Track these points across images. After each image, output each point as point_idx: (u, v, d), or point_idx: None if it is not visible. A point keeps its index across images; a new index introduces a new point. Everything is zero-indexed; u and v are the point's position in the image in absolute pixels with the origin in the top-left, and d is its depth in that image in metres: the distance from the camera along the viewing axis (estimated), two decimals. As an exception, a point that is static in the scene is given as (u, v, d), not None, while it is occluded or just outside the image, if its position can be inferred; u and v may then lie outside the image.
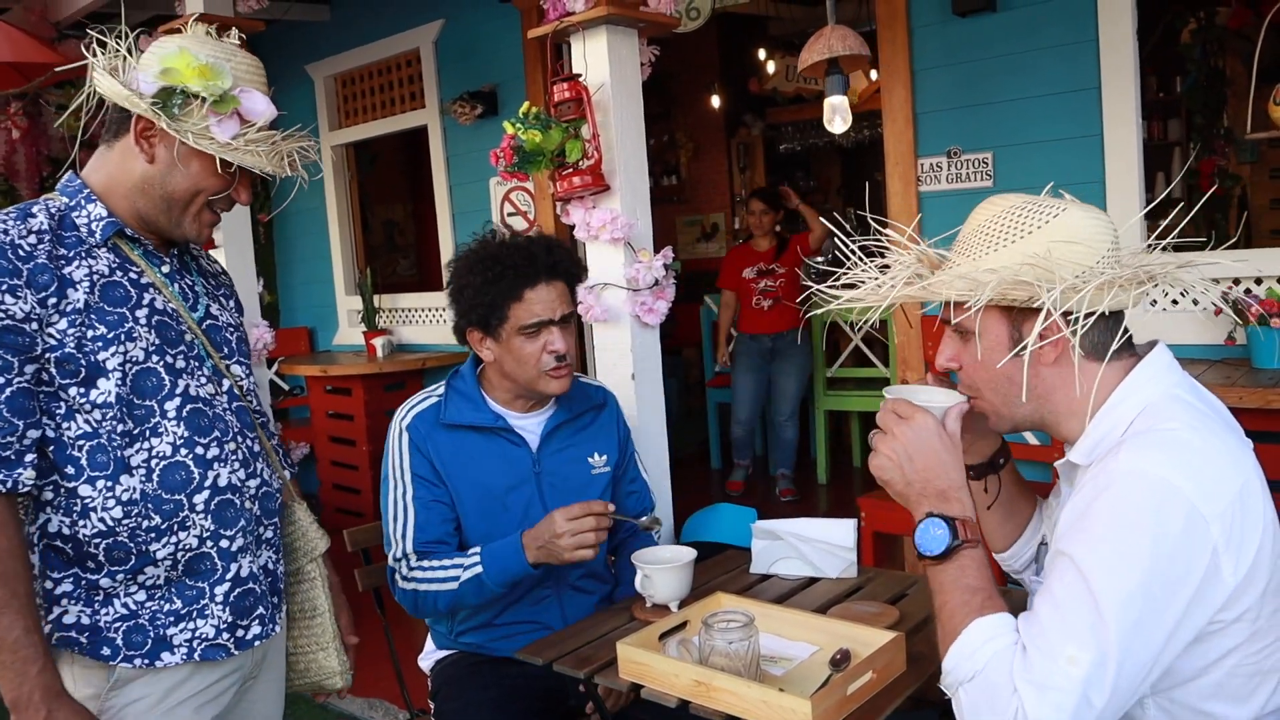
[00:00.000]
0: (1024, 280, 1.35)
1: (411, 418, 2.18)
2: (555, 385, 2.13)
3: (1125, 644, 1.22)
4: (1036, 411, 1.45)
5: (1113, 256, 1.39)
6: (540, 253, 2.10)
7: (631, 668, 1.70)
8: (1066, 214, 1.39)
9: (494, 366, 2.17)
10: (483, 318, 2.09)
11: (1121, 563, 1.23)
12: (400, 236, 8.64)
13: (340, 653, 1.92)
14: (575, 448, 2.23)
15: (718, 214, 9.44)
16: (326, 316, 6.58)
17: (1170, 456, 1.27)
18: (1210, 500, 1.24)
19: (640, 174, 2.69)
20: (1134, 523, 1.25)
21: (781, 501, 5.62)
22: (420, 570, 2.08)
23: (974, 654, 1.31)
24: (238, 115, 1.61)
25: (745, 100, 8.99)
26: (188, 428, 1.62)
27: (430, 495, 2.13)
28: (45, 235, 1.53)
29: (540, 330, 2.09)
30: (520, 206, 5.28)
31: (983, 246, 1.43)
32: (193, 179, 1.62)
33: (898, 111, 3.96)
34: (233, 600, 1.66)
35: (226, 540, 1.65)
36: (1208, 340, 3.34)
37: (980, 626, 1.33)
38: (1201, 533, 1.23)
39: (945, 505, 1.43)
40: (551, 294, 2.10)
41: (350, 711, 3.61)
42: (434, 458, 2.14)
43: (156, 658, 1.59)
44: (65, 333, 1.51)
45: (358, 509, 5.75)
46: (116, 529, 1.55)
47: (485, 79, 5.29)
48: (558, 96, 2.58)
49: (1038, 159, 3.67)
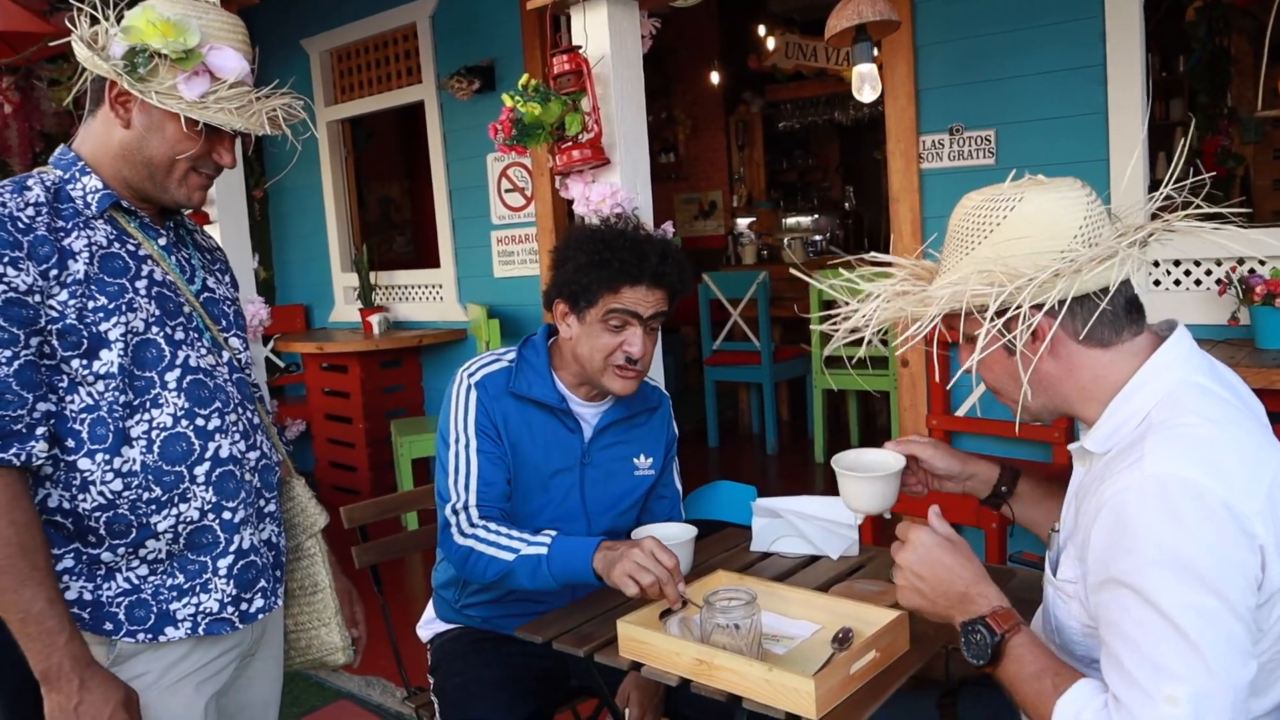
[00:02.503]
0: (978, 291, 1.33)
1: (482, 376, 2.13)
2: (619, 385, 2.07)
3: (1222, 660, 1.18)
4: (1051, 402, 1.44)
5: (1084, 235, 1.35)
6: (653, 256, 2.02)
7: (632, 646, 1.68)
8: (1021, 205, 1.36)
9: (568, 344, 2.11)
10: (574, 295, 2.04)
11: (1186, 580, 1.19)
12: (396, 213, 8.59)
13: (342, 628, 1.91)
14: (624, 445, 2.20)
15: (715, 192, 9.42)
16: (322, 293, 6.55)
17: (1195, 457, 1.23)
18: (1245, 497, 1.21)
19: (641, 148, 2.66)
20: (1182, 534, 1.20)
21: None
22: (483, 529, 2.01)
23: None
24: (208, 73, 1.57)
25: (744, 77, 8.94)
26: (188, 399, 1.61)
27: (496, 451, 2.08)
28: (43, 207, 1.51)
29: (624, 325, 2.03)
30: (518, 183, 5.24)
31: (956, 254, 1.43)
32: (169, 142, 1.59)
33: (899, 88, 3.92)
34: (236, 573, 1.65)
35: (229, 512, 1.64)
36: (1211, 320, 3.31)
37: (1063, 708, 1.29)
38: (1247, 529, 1.20)
39: (971, 608, 1.42)
40: (649, 296, 2.03)
41: (348, 689, 3.60)
42: (499, 422, 2.10)
43: (160, 632, 1.58)
44: (66, 304, 1.50)
45: (354, 486, 5.74)
46: (117, 502, 1.54)
47: (483, 54, 5.24)
48: (557, 69, 2.54)
49: (1040, 137, 3.64)
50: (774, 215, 9.37)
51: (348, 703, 3.54)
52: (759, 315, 6.02)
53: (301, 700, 3.53)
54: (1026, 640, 1.37)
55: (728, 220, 9.34)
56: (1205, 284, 3.36)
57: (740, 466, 6.18)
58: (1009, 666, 1.36)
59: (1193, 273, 3.40)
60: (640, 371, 2.08)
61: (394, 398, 5.86)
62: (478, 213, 5.50)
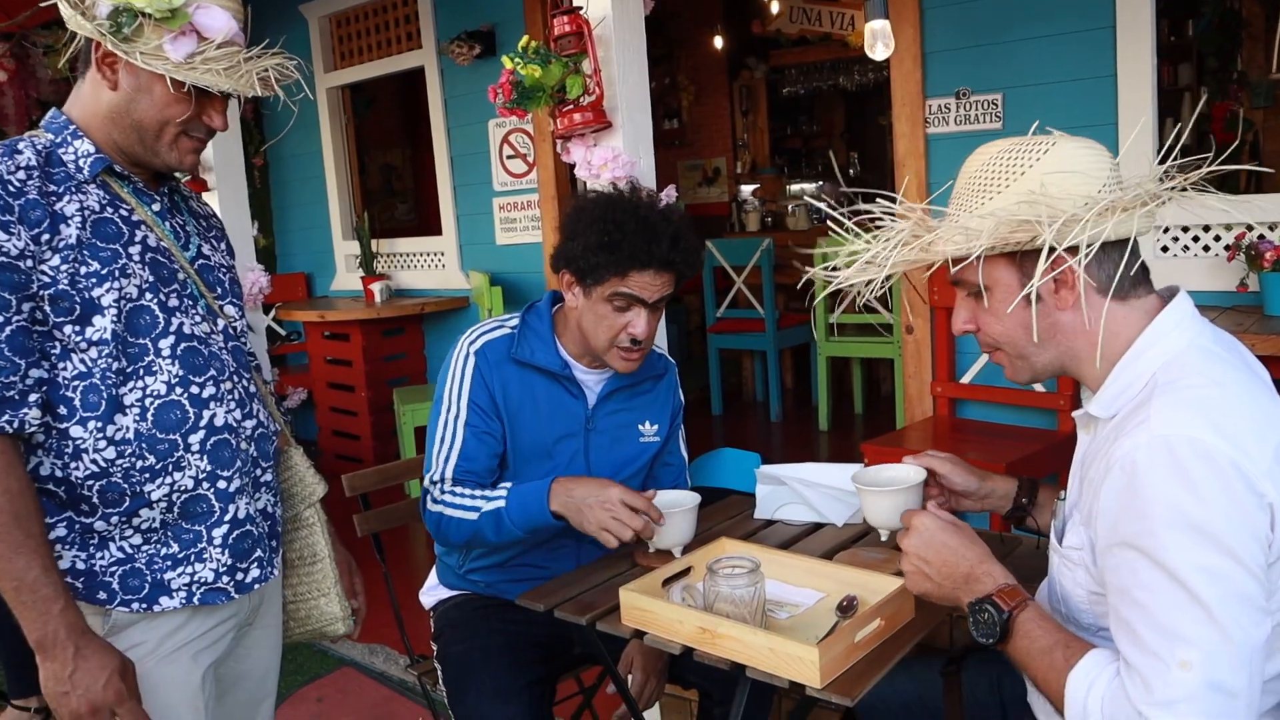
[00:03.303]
0: (1023, 219, 1.30)
1: (482, 343, 2.12)
2: (621, 365, 2.06)
3: (1235, 621, 1.16)
4: (1058, 359, 1.41)
5: (1114, 181, 1.34)
6: (665, 240, 1.97)
7: (635, 614, 1.67)
8: (1057, 148, 1.34)
9: (573, 313, 2.09)
10: (581, 270, 2.01)
11: (1197, 541, 1.17)
12: (398, 181, 8.55)
13: (341, 598, 1.89)
14: (629, 413, 2.19)
15: (719, 158, 9.35)
16: (324, 262, 6.52)
17: (1201, 416, 1.21)
18: (1252, 457, 1.19)
19: (643, 111, 2.62)
20: (1192, 495, 1.18)
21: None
22: (450, 495, 2.04)
23: (1085, 711, 1.26)
24: (195, 33, 1.52)
25: (748, 42, 8.85)
26: (182, 366, 1.59)
27: (484, 426, 2.08)
28: (34, 171, 1.49)
29: (629, 307, 2.01)
30: (520, 149, 5.20)
31: (977, 197, 1.39)
32: (157, 105, 1.55)
33: (905, 51, 3.87)
34: (231, 543, 1.64)
35: (224, 481, 1.63)
36: (1219, 287, 3.29)
37: (1076, 680, 1.28)
38: (1256, 488, 1.18)
39: (976, 587, 1.41)
40: (656, 280, 2.00)
41: (351, 656, 3.61)
42: (496, 391, 2.09)
43: (154, 602, 1.57)
44: (59, 269, 1.47)
45: (357, 455, 5.74)
46: (110, 470, 1.52)
47: (483, 18, 5.18)
48: (558, 30, 2.50)
49: (1049, 101, 3.59)
50: (778, 182, 9.31)
51: (351, 670, 3.55)
52: (763, 282, 5.99)
53: (304, 669, 3.54)
54: (1034, 615, 1.36)
55: (731, 187, 9.27)
56: (1213, 250, 3.33)
57: (744, 434, 6.17)
58: (1019, 643, 1.35)
59: (1201, 238, 3.36)
60: (643, 352, 2.06)
61: (396, 366, 5.85)
62: (479, 179, 5.46)
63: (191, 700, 1.65)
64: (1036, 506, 1.74)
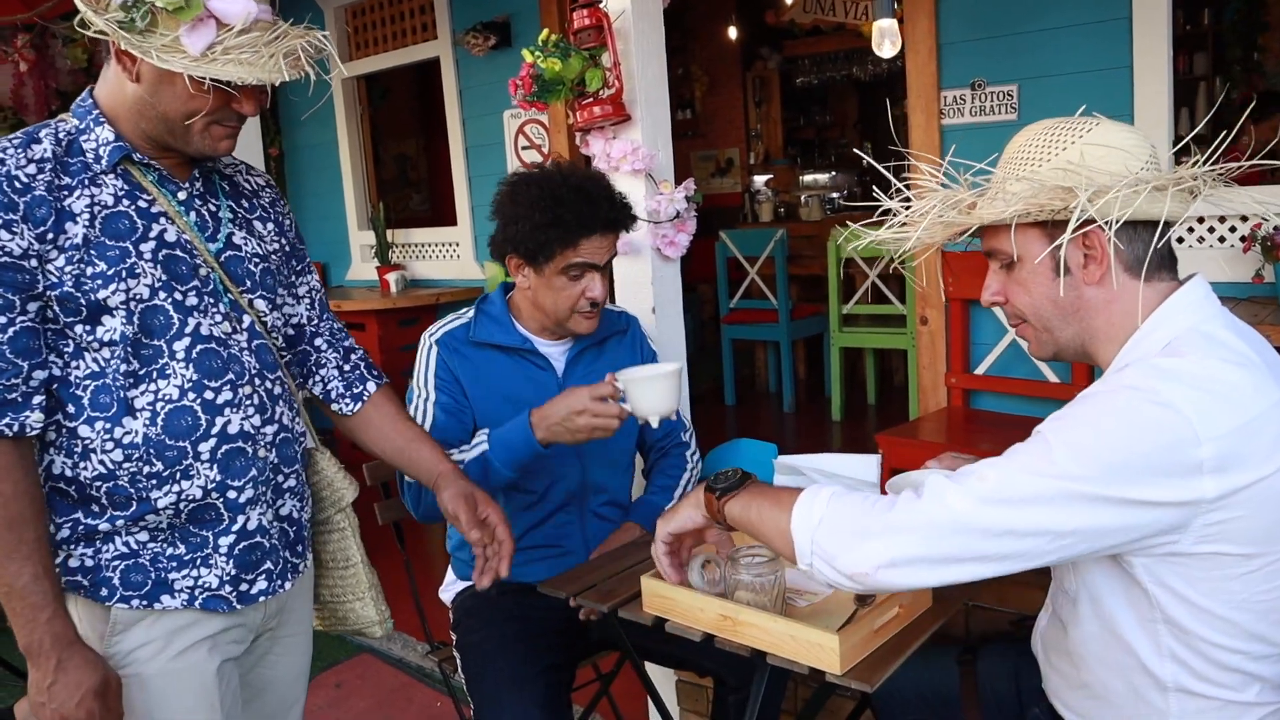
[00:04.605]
0: (1061, 186, 1.32)
1: (442, 334, 2.23)
2: (585, 325, 2.16)
3: (1041, 511, 1.23)
4: (1079, 335, 1.43)
5: (1153, 164, 1.36)
6: (603, 203, 2.08)
7: (656, 601, 1.69)
8: (1101, 127, 1.38)
9: (525, 295, 2.17)
10: (530, 251, 2.08)
11: (1087, 446, 1.23)
12: (413, 171, 8.57)
13: (377, 602, 1.86)
14: (598, 373, 2.21)
15: (733, 149, 9.35)
16: (339, 252, 6.55)
17: (1174, 378, 1.24)
18: (1209, 423, 1.20)
19: (661, 104, 2.64)
20: (1114, 416, 1.23)
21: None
22: None
23: (810, 512, 1.36)
24: (213, 19, 1.40)
25: (762, 33, 8.84)
26: (197, 370, 1.53)
27: (453, 404, 2.16)
28: (47, 164, 1.44)
29: (583, 274, 2.10)
30: (534, 139, 5.21)
31: (1021, 168, 1.41)
32: (180, 100, 1.46)
33: (920, 42, 3.87)
34: (237, 554, 1.59)
35: (234, 491, 1.57)
36: (1235, 278, 3.29)
37: (801, 500, 1.38)
38: (1184, 448, 1.20)
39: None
40: (603, 243, 2.10)
41: (369, 643, 3.65)
42: (460, 373, 2.18)
43: (156, 600, 1.54)
44: (63, 270, 1.43)
45: (372, 444, 5.76)
46: (116, 473, 1.49)
47: (498, 9, 5.19)
48: (577, 24, 2.52)
49: (1064, 91, 3.59)
50: (791, 172, 9.31)
51: (368, 656, 3.59)
52: (776, 273, 5.99)
53: (323, 655, 3.58)
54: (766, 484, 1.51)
55: (745, 178, 9.28)
56: (1229, 241, 3.33)
57: (758, 424, 6.19)
58: (752, 488, 1.50)
59: (1217, 229, 3.36)
60: (599, 309, 2.15)
61: (411, 355, 5.83)
62: (494, 170, 5.48)
63: (208, 697, 1.60)
64: None
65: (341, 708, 3.26)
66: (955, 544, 1.26)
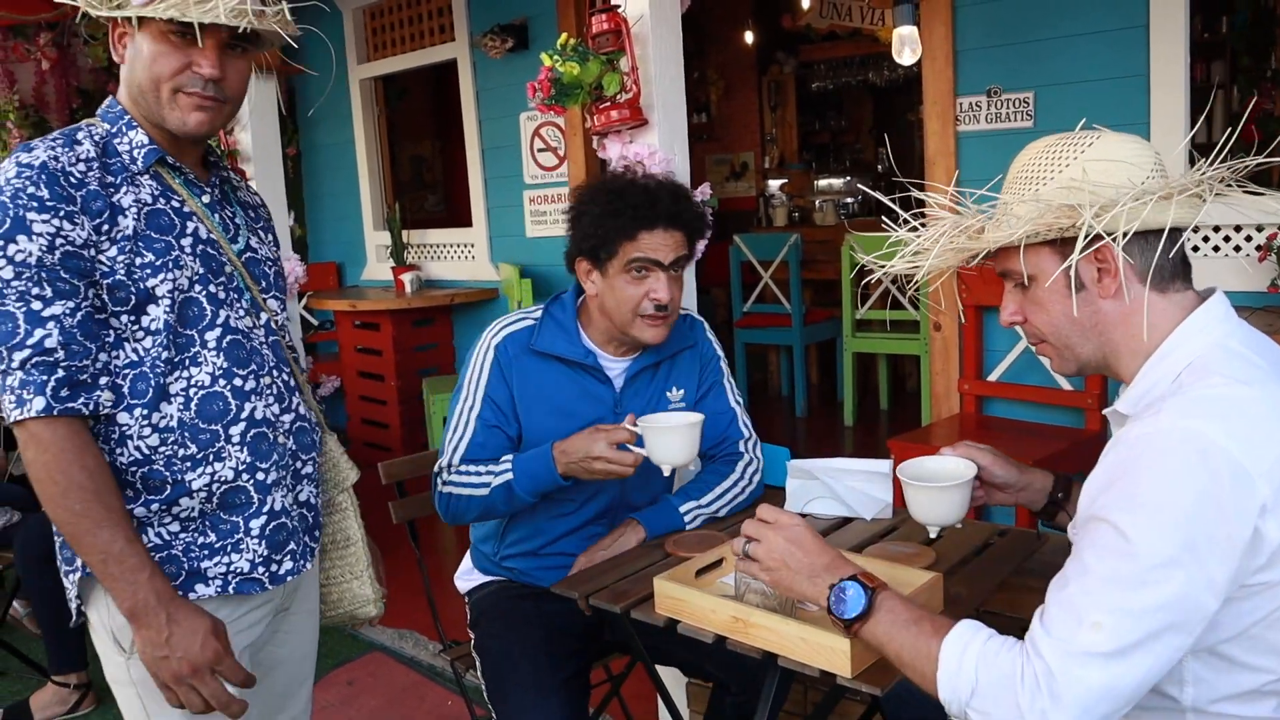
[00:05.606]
0: (1066, 204, 1.31)
1: (503, 337, 2.17)
2: (650, 333, 2.09)
3: (1166, 612, 1.18)
4: (1099, 350, 1.42)
5: (1158, 172, 1.35)
6: (665, 198, 2.05)
7: (669, 603, 1.70)
8: (1102, 140, 1.37)
9: (595, 301, 2.13)
10: (593, 249, 2.06)
11: (1164, 523, 1.18)
12: (428, 172, 8.60)
13: (373, 581, 1.94)
14: (656, 386, 2.23)
15: (747, 153, 9.35)
16: (355, 252, 6.58)
17: (1212, 412, 1.22)
18: (1256, 457, 1.19)
19: (679, 108, 2.66)
20: (1176, 481, 1.19)
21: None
22: (458, 475, 2.10)
23: (960, 669, 1.26)
24: None
25: (778, 37, 8.84)
26: (227, 359, 1.61)
27: (495, 419, 2.13)
28: (93, 163, 1.52)
29: (647, 273, 2.05)
30: (551, 142, 5.23)
31: (1025, 188, 1.40)
32: (145, 63, 1.55)
33: (937, 49, 3.88)
34: (268, 534, 1.66)
35: (261, 473, 1.65)
36: (1250, 288, 3.28)
37: (949, 644, 1.28)
38: (1248, 489, 1.18)
39: (840, 570, 1.43)
40: (667, 239, 2.05)
41: (380, 641, 3.67)
42: (512, 380, 2.14)
43: (190, 590, 1.59)
44: (115, 260, 1.50)
45: (386, 444, 5.80)
46: (153, 457, 1.55)
47: (516, 12, 5.21)
48: (596, 28, 2.53)
49: (1080, 99, 3.59)
50: (806, 177, 9.31)
51: (380, 654, 3.60)
52: (790, 277, 6.00)
53: (335, 652, 3.60)
54: (897, 595, 1.39)
55: (759, 182, 9.28)
56: (1245, 250, 3.32)
57: (769, 428, 6.19)
58: (881, 620, 1.37)
59: (1232, 239, 3.36)
60: (669, 317, 2.10)
61: (426, 356, 5.90)
62: (510, 172, 5.50)
63: None
64: (1071, 502, 1.74)
65: (353, 705, 3.28)
66: (1125, 698, 1.20)
